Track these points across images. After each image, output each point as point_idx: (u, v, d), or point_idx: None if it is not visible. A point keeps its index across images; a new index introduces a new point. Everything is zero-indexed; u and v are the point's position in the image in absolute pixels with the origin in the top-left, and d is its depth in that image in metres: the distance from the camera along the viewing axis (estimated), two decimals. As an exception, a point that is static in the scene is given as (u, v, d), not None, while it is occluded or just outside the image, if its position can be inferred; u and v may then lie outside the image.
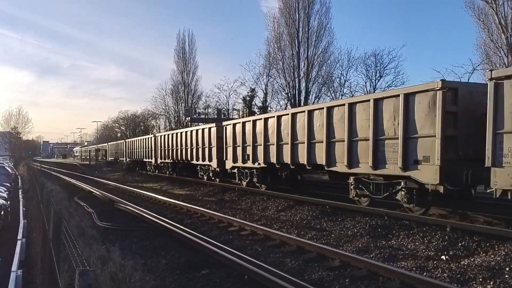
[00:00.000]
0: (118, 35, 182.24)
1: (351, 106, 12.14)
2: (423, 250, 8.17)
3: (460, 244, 8.18)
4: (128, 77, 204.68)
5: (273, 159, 15.97)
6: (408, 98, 10.33)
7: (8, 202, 13.53)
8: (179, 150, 27.34)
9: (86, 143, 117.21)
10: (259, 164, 17.20)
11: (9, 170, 25.72)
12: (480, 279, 6.37)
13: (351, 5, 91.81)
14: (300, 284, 6.00)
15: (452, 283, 6.23)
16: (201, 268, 7.42)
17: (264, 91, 46.27)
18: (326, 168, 13.30)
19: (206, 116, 49.47)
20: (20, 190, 20.83)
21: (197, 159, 24.36)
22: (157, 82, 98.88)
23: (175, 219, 12.40)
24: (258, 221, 11.99)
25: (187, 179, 25.67)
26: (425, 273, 6.79)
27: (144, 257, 8.30)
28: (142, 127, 74.20)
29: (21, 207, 14.23)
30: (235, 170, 19.67)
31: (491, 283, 6.19)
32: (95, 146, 76.83)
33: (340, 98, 39.17)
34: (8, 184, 18.61)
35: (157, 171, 33.77)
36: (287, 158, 15.09)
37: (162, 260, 8.12)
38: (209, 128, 22.86)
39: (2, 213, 11.61)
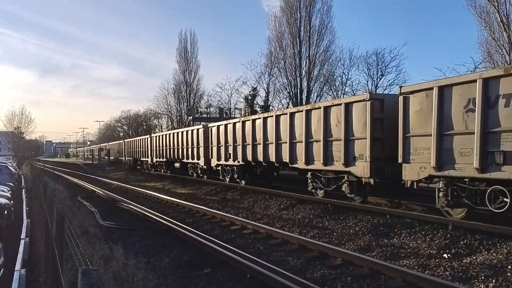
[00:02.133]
0: (119, 34, 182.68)
1: (308, 112, 14.10)
2: (425, 249, 8.18)
3: (462, 242, 8.18)
4: (130, 76, 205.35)
5: (250, 157, 18.06)
6: (348, 106, 12.25)
7: (12, 202, 13.57)
8: (172, 150, 29.28)
9: (89, 143, 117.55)
10: (238, 161, 19.24)
11: (12, 169, 25.73)
12: (482, 277, 6.37)
13: (353, 3, 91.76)
14: (302, 282, 6.01)
15: (454, 281, 6.24)
16: (204, 266, 7.44)
17: (266, 90, 46.27)
18: (290, 165, 15.30)
19: (208, 115, 49.44)
20: (23, 190, 20.86)
21: (187, 158, 26.33)
22: (158, 81, 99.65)
23: (177, 218, 12.44)
24: (260, 220, 12.01)
25: (190, 178, 25.74)
26: (427, 271, 6.80)
27: (147, 256, 8.33)
28: (145, 127, 74.32)
29: (24, 207, 14.25)
30: (219, 168, 21.65)
31: (493, 281, 6.19)
32: (97, 145, 76.98)
33: (342, 96, 39.17)
34: (11, 184, 18.62)
35: (153, 169, 35.66)
36: (260, 157, 17.24)
37: (164, 259, 8.14)
38: (197, 130, 24.71)
39: (6, 212, 11.64)
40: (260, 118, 17.27)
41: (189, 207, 14.58)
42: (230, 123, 20.03)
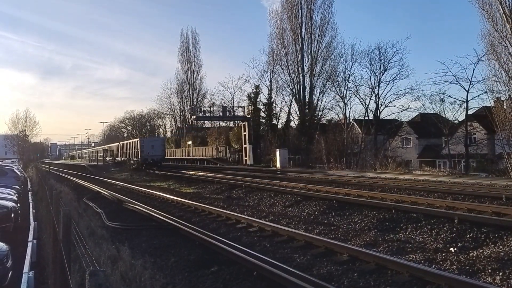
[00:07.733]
0: (120, 34, 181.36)
1: None
2: (432, 243, 8.16)
3: (468, 235, 8.16)
4: (132, 76, 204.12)
5: None
6: None
7: (18, 205, 13.64)
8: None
9: (93, 144, 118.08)
10: None
11: (18, 172, 25.87)
12: (489, 270, 6.36)
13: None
14: (309, 279, 6.02)
15: (461, 275, 6.23)
16: (210, 265, 7.46)
17: (269, 88, 46.33)
18: None
19: (212, 114, 49.53)
20: (29, 192, 20.96)
21: None
22: (161, 81, 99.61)
23: (183, 217, 12.47)
24: (266, 218, 12.02)
25: (194, 177, 25.76)
26: (433, 266, 6.80)
27: (153, 256, 8.37)
28: (148, 127, 74.63)
29: (31, 209, 14.31)
30: None
31: (500, 274, 6.17)
32: (102, 146, 77.07)
33: (344, 93, 38.96)
34: (17, 187, 18.74)
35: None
36: None
37: (171, 258, 8.18)
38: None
39: (13, 215, 11.70)
40: None
41: (195, 206, 14.62)
42: None
